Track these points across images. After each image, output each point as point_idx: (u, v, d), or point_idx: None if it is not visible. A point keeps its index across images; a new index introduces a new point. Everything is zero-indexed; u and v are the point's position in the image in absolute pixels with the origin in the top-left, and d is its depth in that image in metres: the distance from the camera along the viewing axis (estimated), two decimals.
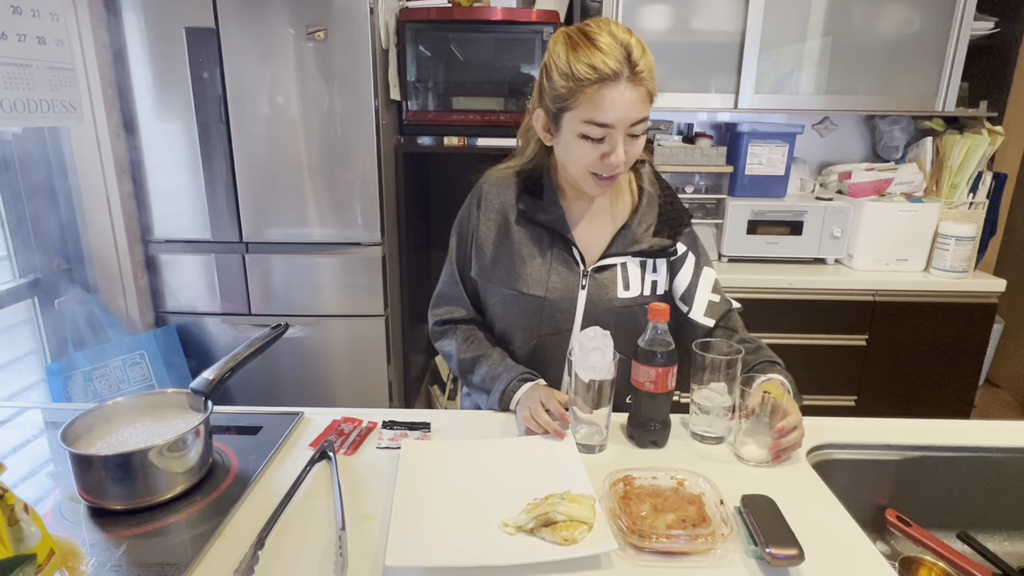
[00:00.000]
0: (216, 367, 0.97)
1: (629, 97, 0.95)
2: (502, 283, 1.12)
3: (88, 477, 0.83)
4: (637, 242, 1.11)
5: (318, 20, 1.89)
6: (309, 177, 2.03)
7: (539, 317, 1.11)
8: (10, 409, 1.17)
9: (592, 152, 0.99)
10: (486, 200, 1.14)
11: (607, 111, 0.94)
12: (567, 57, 0.95)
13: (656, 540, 0.77)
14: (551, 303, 1.10)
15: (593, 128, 0.96)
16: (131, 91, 1.97)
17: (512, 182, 1.14)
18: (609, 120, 0.95)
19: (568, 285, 1.10)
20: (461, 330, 1.19)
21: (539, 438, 1.01)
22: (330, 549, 0.77)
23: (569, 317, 1.11)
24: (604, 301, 1.11)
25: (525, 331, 1.13)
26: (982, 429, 1.10)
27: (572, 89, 0.95)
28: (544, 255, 1.10)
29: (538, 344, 1.14)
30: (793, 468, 0.97)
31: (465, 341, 1.17)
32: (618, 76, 0.93)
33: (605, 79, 0.93)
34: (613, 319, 1.11)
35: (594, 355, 0.94)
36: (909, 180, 2.31)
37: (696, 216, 2.37)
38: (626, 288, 1.12)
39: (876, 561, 0.77)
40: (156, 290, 2.16)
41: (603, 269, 1.11)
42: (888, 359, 2.23)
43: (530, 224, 1.11)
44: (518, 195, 1.12)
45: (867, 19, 2.17)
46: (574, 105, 0.96)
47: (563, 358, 1.15)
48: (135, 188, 2.06)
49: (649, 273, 1.14)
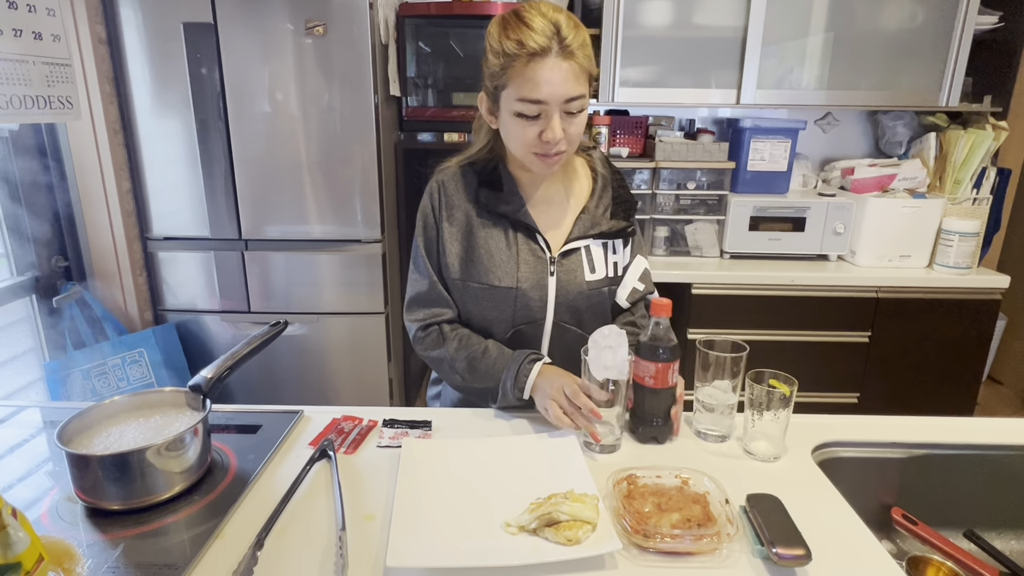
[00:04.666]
0: (215, 365, 0.96)
1: (560, 72, 0.94)
2: (473, 279, 1.11)
3: (85, 477, 0.82)
4: (597, 224, 1.13)
5: (317, 15, 1.88)
6: (308, 174, 2.01)
7: (513, 308, 1.11)
8: (8, 408, 1.16)
9: (529, 130, 0.98)
10: (445, 197, 1.12)
11: (538, 86, 0.94)
12: (499, 36, 0.97)
13: (661, 540, 0.76)
14: (523, 293, 1.10)
15: (526, 105, 0.96)
16: (129, 87, 1.96)
17: (468, 175, 1.13)
18: (541, 96, 0.95)
19: (537, 273, 1.10)
20: (451, 333, 1.14)
21: (541, 436, 1.00)
22: (330, 549, 0.76)
23: (542, 305, 1.11)
24: (574, 285, 1.11)
25: (500, 324, 1.13)
26: (988, 427, 1.09)
27: (504, 66, 0.96)
28: (510, 246, 1.10)
29: (514, 335, 1.13)
30: (799, 466, 0.96)
31: (459, 343, 1.13)
32: (547, 51, 0.94)
33: (534, 54, 0.94)
34: (584, 302, 1.12)
35: (607, 353, 0.93)
36: (912, 176, 2.29)
37: (698, 212, 2.36)
38: (592, 271, 1.13)
39: (883, 560, 0.76)
40: (155, 288, 2.15)
41: (569, 254, 1.12)
42: (891, 356, 2.22)
43: (492, 216, 1.11)
44: (477, 188, 1.11)
45: (870, 13, 2.15)
46: (507, 83, 0.97)
47: (538, 347, 1.14)
48: (133, 185, 2.05)
49: (611, 254, 1.15)
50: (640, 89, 2.24)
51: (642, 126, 2.42)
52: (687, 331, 2.18)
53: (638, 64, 2.22)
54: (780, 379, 0.96)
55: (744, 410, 1.00)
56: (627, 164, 2.30)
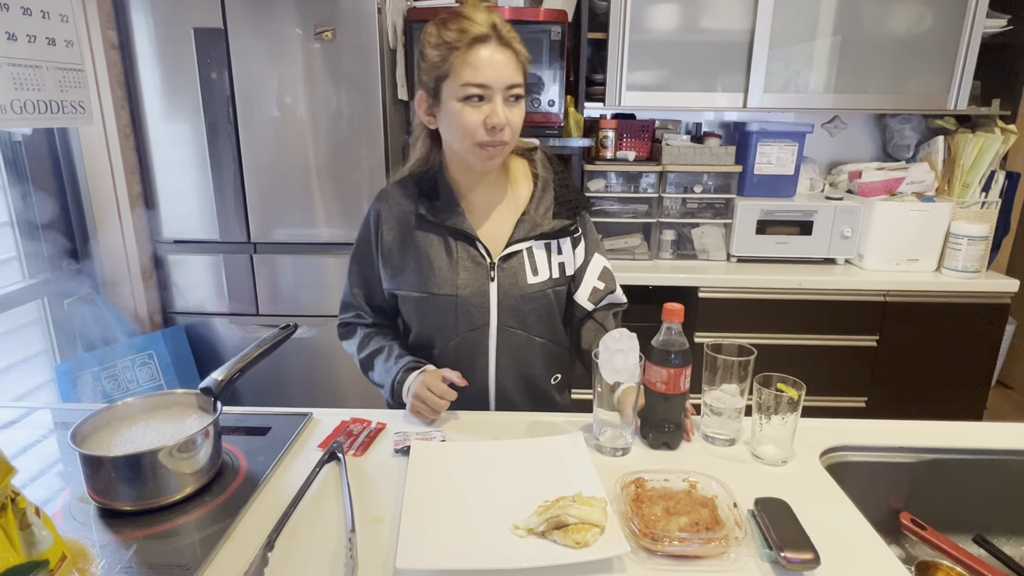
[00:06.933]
0: (225, 367, 0.97)
1: (500, 58, 0.99)
2: (412, 288, 1.13)
3: (98, 478, 0.83)
4: (538, 225, 1.13)
5: (326, 20, 1.89)
6: (317, 177, 2.03)
7: (454, 315, 1.12)
8: (20, 409, 1.17)
9: (475, 116, 1.00)
10: (385, 211, 1.15)
11: (481, 70, 0.98)
12: (438, 32, 1.01)
13: (669, 543, 0.76)
14: (463, 300, 1.11)
15: (471, 88, 0.99)
16: (140, 92, 1.97)
17: (409, 188, 1.15)
18: (485, 80, 0.98)
19: (477, 279, 1.11)
20: (360, 331, 1.23)
21: (550, 439, 1.01)
22: (340, 551, 0.77)
23: (484, 311, 1.12)
24: (516, 289, 1.12)
25: (442, 332, 1.14)
26: (997, 431, 1.09)
27: (444, 56, 0.99)
28: (450, 254, 1.11)
29: (458, 343, 1.14)
30: (807, 470, 0.96)
31: (362, 341, 1.21)
32: (487, 38, 0.99)
33: (475, 40, 0.98)
34: (528, 305, 1.13)
35: (618, 357, 0.94)
36: (920, 179, 2.29)
37: (705, 216, 2.36)
38: (535, 273, 1.13)
39: (892, 565, 0.76)
40: (164, 291, 2.16)
41: (509, 257, 1.12)
42: (899, 360, 2.21)
43: (431, 226, 1.12)
44: (416, 200, 1.13)
45: (877, 17, 2.15)
46: (450, 71, 1.00)
47: (485, 353, 1.15)
48: (144, 189, 2.07)
49: (555, 255, 1.16)
50: (647, 93, 2.24)
51: (649, 130, 2.43)
52: (694, 335, 2.18)
53: (645, 68, 2.22)
54: (788, 383, 0.96)
55: (752, 414, 1.00)
56: (634, 168, 2.30)
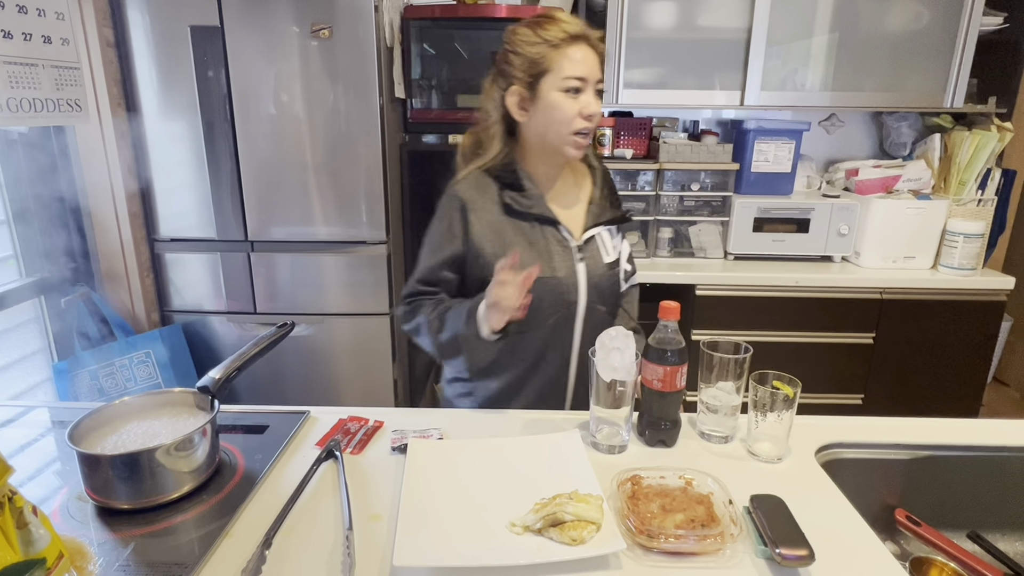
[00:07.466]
0: (223, 366, 0.97)
1: (592, 55, 1.11)
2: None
3: (95, 476, 0.83)
4: (604, 212, 1.24)
5: (323, 18, 1.89)
6: (314, 175, 2.02)
7: (552, 297, 1.17)
8: (17, 408, 1.17)
9: (573, 107, 1.10)
10: (470, 202, 1.16)
11: (580, 64, 1.09)
12: (534, 32, 1.10)
13: (665, 540, 0.76)
14: (560, 281, 1.17)
15: (571, 81, 1.09)
16: (136, 90, 1.97)
17: (484, 180, 1.18)
18: (583, 73, 1.09)
19: (567, 262, 1.18)
20: (429, 301, 1.19)
21: (547, 437, 1.01)
22: (337, 549, 0.77)
23: (575, 291, 1.19)
24: (599, 268, 1.20)
25: (539, 313, 1.17)
26: (992, 428, 1.09)
27: (545, 53, 1.09)
28: (539, 241, 1.17)
29: (553, 323, 1.18)
30: (802, 467, 0.96)
31: (433, 306, 1.17)
32: (582, 37, 1.10)
33: (574, 38, 1.09)
34: (607, 283, 1.22)
35: (614, 355, 0.94)
36: (917, 177, 2.29)
37: (702, 214, 2.36)
38: (607, 255, 1.23)
39: (886, 561, 0.76)
40: (162, 289, 2.16)
41: (588, 242, 1.21)
42: (895, 357, 2.22)
43: (519, 215, 1.17)
44: (499, 191, 1.17)
45: (874, 14, 2.15)
46: (551, 67, 1.09)
47: (571, 332, 1.20)
48: (140, 187, 2.06)
49: (615, 238, 1.26)
50: (644, 91, 2.25)
51: (646, 128, 2.43)
52: (691, 332, 2.18)
53: (642, 66, 2.22)
54: (784, 380, 0.97)
55: (748, 411, 1.00)
56: (631, 165, 2.31)
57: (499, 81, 1.16)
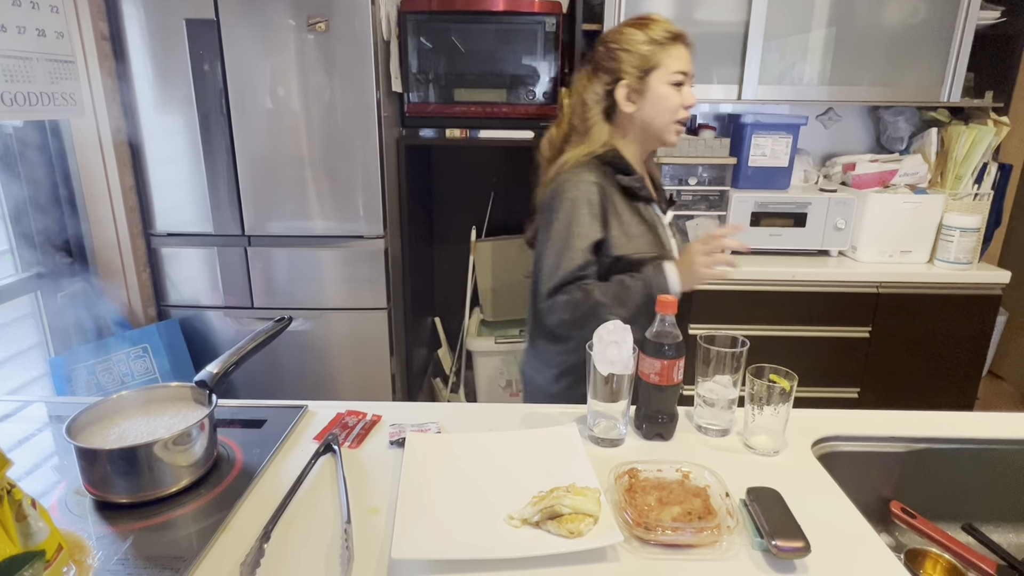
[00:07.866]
0: (220, 360, 0.97)
1: (688, 54, 1.24)
2: (649, 249, 1.25)
3: (94, 471, 0.83)
4: (664, 196, 1.40)
5: (319, 11, 1.88)
6: (311, 170, 2.02)
7: None
8: (14, 402, 1.17)
9: (678, 99, 1.23)
10: (600, 183, 1.23)
11: (683, 61, 1.23)
12: (642, 32, 1.22)
13: (662, 532, 0.77)
14: (667, 254, 1.28)
15: (678, 76, 1.22)
16: (131, 83, 1.96)
17: (595, 167, 1.25)
18: (686, 68, 1.23)
19: (669, 240, 1.32)
20: (588, 284, 1.19)
21: (544, 430, 1.01)
22: (336, 542, 0.77)
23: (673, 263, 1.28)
24: (680, 244, 1.35)
25: None
26: (987, 421, 1.10)
27: (654, 51, 1.21)
28: (653, 220, 1.29)
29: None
30: (798, 460, 0.97)
31: (600, 289, 1.18)
32: (682, 37, 1.24)
33: (677, 38, 1.23)
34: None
35: (612, 348, 0.94)
36: (913, 171, 2.30)
37: (699, 208, 2.36)
38: (674, 235, 1.36)
39: (882, 553, 0.77)
40: (158, 284, 2.16)
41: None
42: (891, 351, 2.23)
43: (634, 197, 1.27)
44: (612, 176, 1.26)
45: (872, 9, 2.15)
46: (660, 63, 1.21)
47: None
48: (136, 181, 2.06)
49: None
50: None
51: None
52: (688, 326, 2.19)
53: None
54: (780, 374, 0.97)
55: (744, 405, 1.01)
56: None
57: (602, 76, 1.25)
